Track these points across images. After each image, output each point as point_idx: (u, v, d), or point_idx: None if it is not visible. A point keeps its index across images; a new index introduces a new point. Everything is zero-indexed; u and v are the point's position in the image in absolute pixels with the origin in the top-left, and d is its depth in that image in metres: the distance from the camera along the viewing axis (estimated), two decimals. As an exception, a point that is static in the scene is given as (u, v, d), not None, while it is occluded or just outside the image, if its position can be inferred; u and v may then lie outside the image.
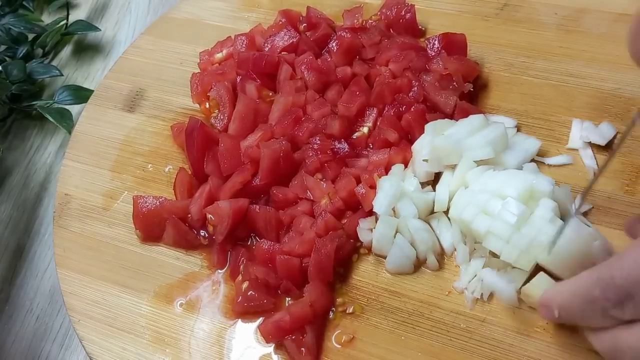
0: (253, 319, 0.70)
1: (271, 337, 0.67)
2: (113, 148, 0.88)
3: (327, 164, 0.76)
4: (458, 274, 0.70)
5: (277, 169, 0.76)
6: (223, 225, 0.73)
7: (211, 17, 1.02)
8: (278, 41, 0.90)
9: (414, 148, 0.77)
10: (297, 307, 0.66)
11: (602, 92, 0.81)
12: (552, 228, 0.63)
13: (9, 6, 1.12)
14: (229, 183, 0.76)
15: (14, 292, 0.84)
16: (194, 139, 0.79)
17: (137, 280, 0.75)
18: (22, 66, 1.00)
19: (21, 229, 0.90)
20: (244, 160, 0.77)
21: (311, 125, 0.79)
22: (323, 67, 0.85)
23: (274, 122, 0.82)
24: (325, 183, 0.75)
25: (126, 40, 1.11)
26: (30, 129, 1.02)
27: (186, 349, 0.69)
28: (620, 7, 0.89)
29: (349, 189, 0.74)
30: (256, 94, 0.85)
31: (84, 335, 0.71)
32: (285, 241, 0.72)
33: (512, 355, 0.63)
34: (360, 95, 0.82)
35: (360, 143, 0.79)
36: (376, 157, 0.77)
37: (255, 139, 0.79)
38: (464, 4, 0.95)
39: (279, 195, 0.76)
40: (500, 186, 0.68)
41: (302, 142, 0.79)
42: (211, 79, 0.88)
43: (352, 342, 0.67)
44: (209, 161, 0.79)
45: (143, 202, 0.78)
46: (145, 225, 0.78)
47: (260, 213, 0.74)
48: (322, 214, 0.72)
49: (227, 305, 0.71)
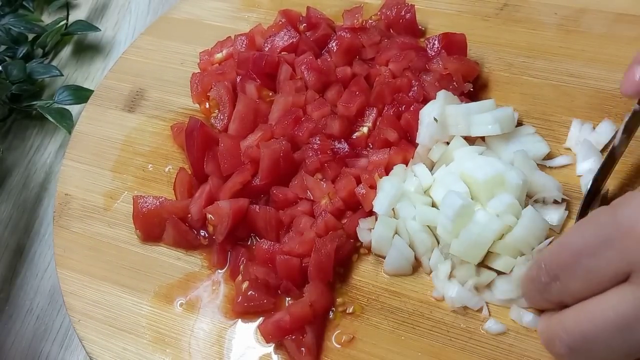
0: (253, 319, 0.70)
1: (271, 337, 0.66)
2: (113, 148, 0.88)
3: (327, 164, 0.76)
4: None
5: (277, 169, 0.76)
6: (223, 225, 0.73)
7: (211, 17, 1.02)
8: (278, 41, 0.90)
9: (422, 112, 0.77)
10: (297, 307, 0.66)
11: (602, 92, 0.81)
12: (499, 224, 0.65)
13: (9, 6, 1.12)
14: (229, 183, 0.76)
15: (14, 292, 0.84)
16: (194, 139, 0.79)
17: (138, 280, 0.75)
18: (22, 66, 1.00)
19: (21, 229, 0.90)
20: (244, 160, 0.77)
21: (311, 125, 0.79)
22: (323, 67, 0.85)
23: (274, 122, 0.81)
24: (325, 183, 0.75)
25: (126, 40, 1.11)
26: (30, 129, 1.02)
27: (186, 348, 0.69)
28: (620, 7, 0.89)
29: (349, 189, 0.74)
30: (256, 94, 0.85)
31: (84, 335, 0.71)
32: (285, 241, 0.72)
33: (512, 355, 0.63)
34: (359, 95, 0.81)
35: (360, 143, 0.79)
36: (376, 157, 0.77)
37: (255, 139, 0.79)
38: (464, 4, 0.95)
39: (279, 196, 0.76)
40: (471, 168, 0.69)
41: (302, 142, 0.79)
42: (211, 79, 0.88)
43: (352, 342, 0.67)
44: (209, 161, 0.79)
45: (143, 202, 0.78)
46: (145, 225, 0.77)
47: (260, 213, 0.74)
48: (322, 214, 0.72)
49: (227, 305, 0.71)
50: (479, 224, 0.66)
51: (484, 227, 0.65)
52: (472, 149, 0.74)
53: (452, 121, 0.75)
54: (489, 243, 0.66)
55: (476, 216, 0.67)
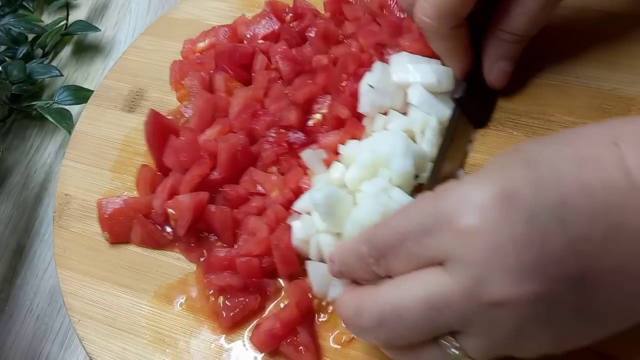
0: (247, 324, 0.69)
1: (264, 347, 0.66)
2: (113, 148, 0.88)
3: (282, 156, 0.76)
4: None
5: (235, 163, 0.76)
6: (184, 219, 0.73)
7: (211, 17, 1.02)
8: (259, 30, 0.89)
9: (362, 82, 0.77)
10: (286, 312, 0.66)
11: (602, 92, 0.81)
12: (380, 205, 0.64)
13: (8, 6, 1.12)
14: (187, 177, 0.76)
15: (14, 292, 0.84)
16: (149, 129, 0.79)
17: (137, 281, 0.75)
18: (22, 66, 1.00)
19: (21, 229, 0.90)
20: (202, 155, 0.77)
21: (268, 118, 0.79)
22: (298, 56, 0.84)
23: (233, 116, 0.81)
24: (275, 175, 0.75)
25: (126, 40, 1.11)
26: (30, 129, 1.02)
27: (186, 348, 0.69)
28: (620, 6, 0.89)
29: (297, 180, 0.74)
30: (224, 85, 0.85)
31: (84, 335, 0.71)
32: (240, 244, 0.72)
33: (512, 355, 0.63)
34: (311, 83, 0.81)
35: (316, 129, 0.79)
36: (327, 140, 0.76)
37: (214, 133, 0.79)
38: (464, 4, 0.95)
39: (230, 193, 0.75)
40: (382, 140, 0.70)
41: (260, 135, 0.79)
42: (189, 68, 0.88)
43: (352, 342, 0.67)
44: (170, 155, 0.78)
45: (106, 203, 0.78)
46: (112, 226, 0.77)
47: (216, 213, 0.73)
48: (273, 205, 0.72)
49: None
50: (363, 208, 0.65)
51: (368, 210, 0.64)
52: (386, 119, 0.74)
53: (391, 88, 0.74)
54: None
55: (360, 201, 0.66)
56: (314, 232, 0.69)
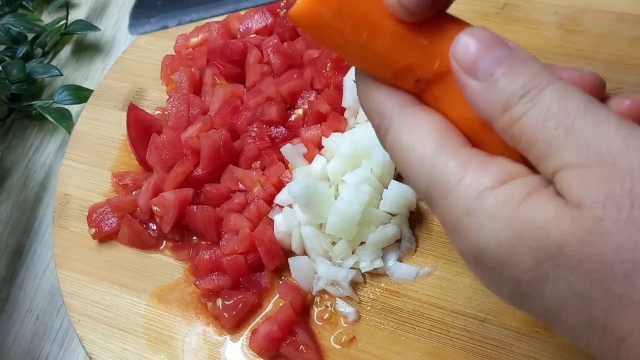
0: (250, 322, 0.70)
1: (265, 351, 0.66)
2: (113, 148, 0.88)
3: (264, 151, 0.76)
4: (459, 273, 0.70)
5: (217, 159, 0.76)
6: (169, 216, 0.73)
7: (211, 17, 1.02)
8: (252, 24, 0.90)
9: (346, 77, 0.77)
10: (282, 314, 0.66)
11: (602, 91, 0.81)
12: (363, 196, 0.65)
13: (8, 6, 1.11)
14: (171, 174, 0.76)
15: (13, 292, 0.84)
16: (128, 122, 0.80)
17: (137, 281, 0.75)
18: (22, 66, 1.00)
19: (21, 229, 0.90)
20: (185, 152, 0.77)
21: (249, 113, 0.79)
22: (289, 50, 0.84)
23: (214, 112, 0.82)
24: (255, 171, 0.75)
25: (126, 40, 1.10)
26: (30, 129, 1.02)
27: (186, 349, 0.69)
28: (620, 6, 0.89)
29: (278, 175, 0.74)
30: (212, 81, 0.85)
31: (84, 335, 0.71)
32: (224, 244, 0.72)
33: (512, 355, 0.63)
34: (297, 77, 0.81)
35: (298, 124, 0.79)
36: (308, 134, 0.76)
37: (195, 130, 0.79)
38: (464, 3, 0.95)
39: (212, 192, 0.75)
40: (362, 132, 0.70)
41: (242, 130, 0.79)
42: (181, 63, 0.89)
43: (352, 342, 0.67)
44: (152, 152, 0.79)
45: (94, 207, 0.79)
46: (99, 225, 0.78)
47: (198, 213, 0.74)
48: (255, 200, 0.73)
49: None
50: (345, 200, 0.66)
51: (350, 200, 0.65)
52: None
53: None
54: (357, 216, 0.66)
55: (342, 192, 0.67)
56: (296, 224, 0.70)
